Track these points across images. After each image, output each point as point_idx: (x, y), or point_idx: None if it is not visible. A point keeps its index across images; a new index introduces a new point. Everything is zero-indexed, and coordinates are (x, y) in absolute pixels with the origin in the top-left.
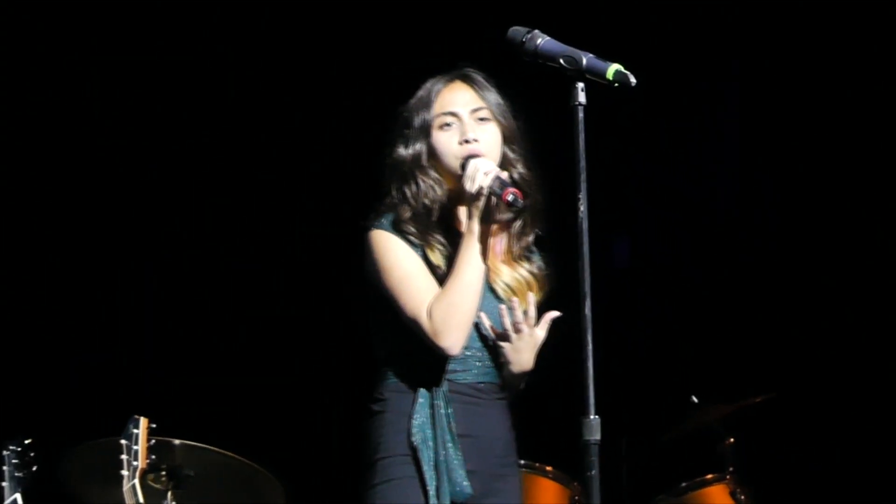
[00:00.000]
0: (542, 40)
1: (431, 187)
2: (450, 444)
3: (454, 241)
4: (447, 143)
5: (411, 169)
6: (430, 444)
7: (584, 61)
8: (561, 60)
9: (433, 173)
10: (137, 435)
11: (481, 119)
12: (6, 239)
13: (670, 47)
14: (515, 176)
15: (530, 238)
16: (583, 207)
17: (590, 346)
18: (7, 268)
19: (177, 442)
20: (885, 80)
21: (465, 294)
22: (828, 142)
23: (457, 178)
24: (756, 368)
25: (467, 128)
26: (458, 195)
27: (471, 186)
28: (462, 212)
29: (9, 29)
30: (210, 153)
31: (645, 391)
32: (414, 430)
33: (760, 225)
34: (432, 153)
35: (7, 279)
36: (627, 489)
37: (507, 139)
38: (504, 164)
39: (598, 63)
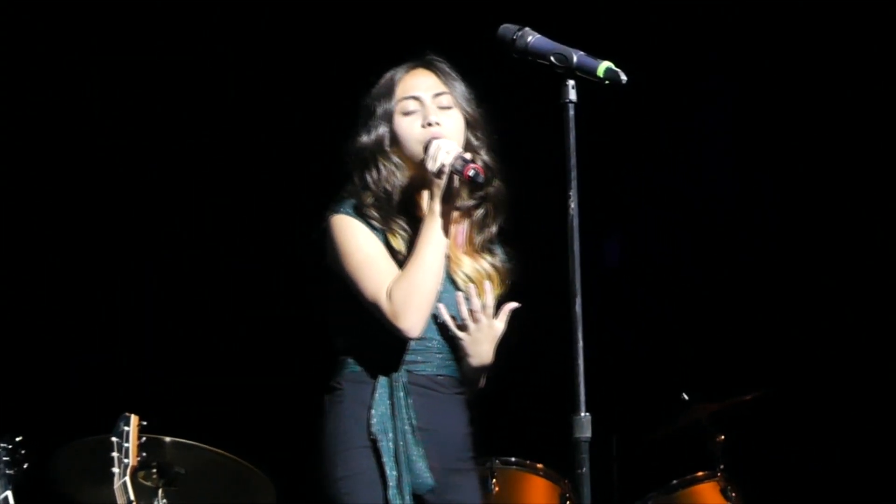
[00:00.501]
0: (532, 38)
1: (393, 172)
2: (409, 436)
3: (416, 227)
4: (409, 127)
5: (373, 154)
6: (390, 434)
7: (575, 59)
8: (551, 58)
9: (395, 158)
10: (128, 432)
11: (443, 106)
12: (6, 239)
13: (669, 47)
14: (479, 163)
15: (493, 230)
16: (573, 205)
17: (580, 344)
18: (7, 268)
19: (167, 439)
20: (885, 79)
21: (426, 273)
22: (827, 141)
23: (419, 162)
24: (752, 367)
25: (430, 111)
26: (421, 181)
27: (432, 165)
28: (424, 198)
29: (9, 29)
30: (210, 153)
31: (636, 389)
32: (374, 421)
33: (760, 225)
34: (394, 139)
35: (7, 279)
36: (618, 486)
37: (470, 125)
38: (468, 150)
39: (589, 60)
